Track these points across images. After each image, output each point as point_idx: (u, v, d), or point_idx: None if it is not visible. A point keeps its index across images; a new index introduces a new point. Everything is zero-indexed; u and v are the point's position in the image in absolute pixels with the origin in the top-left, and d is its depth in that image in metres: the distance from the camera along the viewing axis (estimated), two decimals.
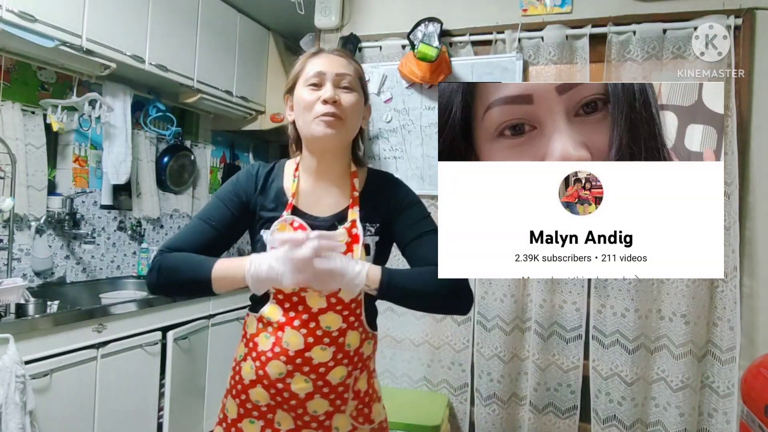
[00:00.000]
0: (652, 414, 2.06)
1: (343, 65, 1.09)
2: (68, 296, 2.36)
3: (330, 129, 1.04)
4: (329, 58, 1.09)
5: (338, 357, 1.05)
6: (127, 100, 2.64)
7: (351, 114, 1.07)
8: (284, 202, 1.09)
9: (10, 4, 1.86)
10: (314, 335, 1.03)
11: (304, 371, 1.03)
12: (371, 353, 1.14)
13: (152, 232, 3.05)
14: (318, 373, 1.03)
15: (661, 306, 2.05)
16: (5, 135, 2.16)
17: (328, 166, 1.11)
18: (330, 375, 1.04)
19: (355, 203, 1.09)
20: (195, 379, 2.52)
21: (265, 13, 3.16)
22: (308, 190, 1.11)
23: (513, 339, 2.20)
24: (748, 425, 1.51)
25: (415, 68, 2.22)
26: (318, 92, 1.05)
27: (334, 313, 1.04)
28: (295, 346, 1.03)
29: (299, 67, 1.11)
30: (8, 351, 1.65)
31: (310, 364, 1.03)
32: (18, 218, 2.25)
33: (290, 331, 1.03)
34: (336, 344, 1.04)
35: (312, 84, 1.06)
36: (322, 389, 1.04)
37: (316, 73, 1.06)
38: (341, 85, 1.07)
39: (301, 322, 1.03)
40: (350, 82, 1.08)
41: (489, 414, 2.23)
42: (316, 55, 1.11)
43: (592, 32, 2.11)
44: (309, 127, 1.05)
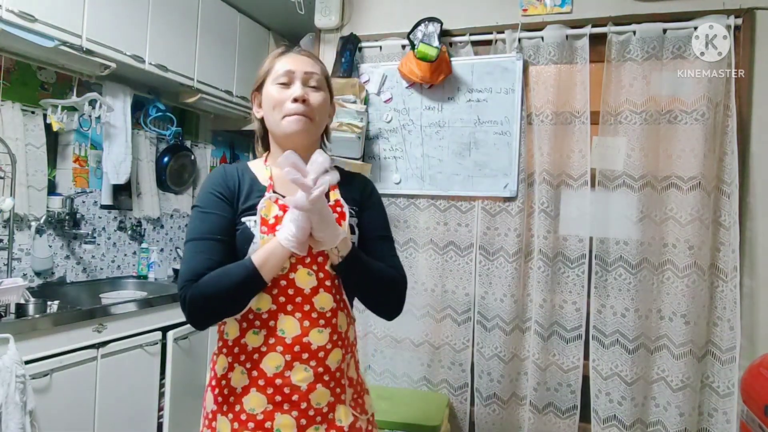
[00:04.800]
0: (652, 414, 2.06)
1: (310, 65, 1.12)
2: (68, 296, 2.36)
3: (300, 126, 1.07)
4: (297, 58, 1.13)
5: (334, 338, 1.05)
6: (127, 100, 2.64)
7: (319, 111, 1.11)
8: (261, 188, 1.09)
9: (10, 4, 1.86)
10: (309, 318, 1.02)
11: (303, 359, 1.02)
12: (354, 339, 1.16)
13: (152, 232, 3.05)
14: (317, 358, 1.02)
15: (661, 306, 2.05)
16: (5, 135, 2.16)
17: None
18: (329, 359, 1.04)
19: (335, 187, 1.10)
20: (195, 379, 2.52)
21: (265, 13, 3.16)
22: (282, 180, 1.09)
23: (513, 339, 2.20)
24: (748, 425, 1.51)
25: (415, 68, 2.22)
26: (287, 91, 1.08)
27: (325, 292, 1.04)
28: (291, 332, 1.01)
29: (268, 65, 1.14)
30: (8, 351, 1.65)
31: (309, 349, 1.02)
32: (18, 218, 2.25)
33: (284, 318, 1.02)
34: (330, 325, 1.04)
35: (281, 83, 1.09)
36: (322, 377, 1.03)
37: (286, 71, 1.09)
38: (309, 84, 1.10)
39: (294, 306, 1.02)
40: (318, 81, 1.12)
41: (489, 414, 2.23)
42: (284, 54, 1.14)
43: (592, 32, 2.11)
44: (279, 125, 1.08)
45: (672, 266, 2.03)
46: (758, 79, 1.96)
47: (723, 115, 1.98)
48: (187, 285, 0.99)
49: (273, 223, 1.04)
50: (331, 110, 1.19)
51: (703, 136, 1.97)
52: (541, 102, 2.18)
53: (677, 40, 2.03)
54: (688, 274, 1.98)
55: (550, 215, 2.14)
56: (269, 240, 1.01)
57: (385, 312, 1.15)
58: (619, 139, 2.10)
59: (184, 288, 0.99)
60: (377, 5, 2.46)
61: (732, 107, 1.95)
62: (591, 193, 2.11)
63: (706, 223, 1.97)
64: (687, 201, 2.00)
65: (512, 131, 2.22)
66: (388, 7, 2.44)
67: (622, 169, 2.09)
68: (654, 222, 2.05)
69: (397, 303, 1.14)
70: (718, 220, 1.99)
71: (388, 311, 1.15)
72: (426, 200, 2.33)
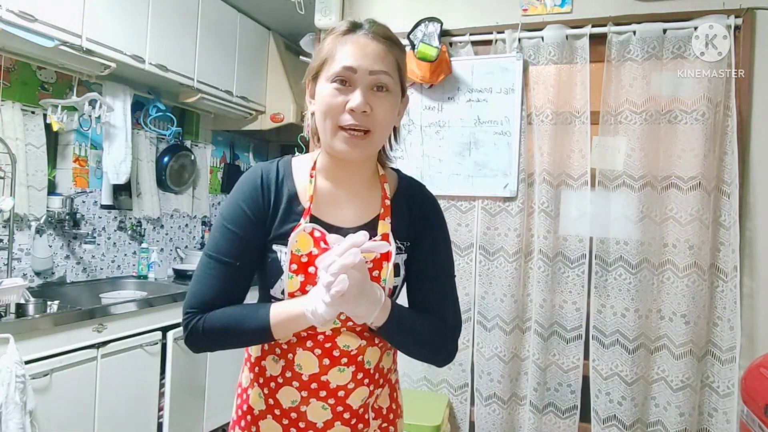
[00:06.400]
0: (652, 414, 2.06)
1: (379, 57, 0.87)
2: (68, 296, 2.36)
3: (353, 147, 0.87)
4: (364, 46, 0.88)
5: (358, 377, 0.92)
6: (127, 100, 2.64)
7: (382, 124, 0.89)
8: (299, 211, 0.91)
9: (10, 4, 1.86)
10: (330, 356, 0.90)
11: (320, 396, 0.91)
12: (391, 365, 1.02)
13: (152, 232, 3.05)
14: (337, 397, 0.91)
15: (661, 306, 2.05)
16: (5, 135, 2.16)
17: (351, 172, 0.95)
18: (351, 398, 0.92)
19: (387, 213, 0.93)
20: (195, 379, 2.52)
21: (265, 13, 3.16)
22: (327, 195, 0.94)
23: (513, 339, 2.20)
24: (748, 425, 1.50)
25: (415, 68, 2.22)
26: (345, 95, 0.86)
27: (349, 332, 0.92)
28: (309, 369, 0.90)
29: (327, 51, 0.90)
30: (8, 351, 1.65)
31: (327, 388, 0.90)
32: (18, 218, 2.25)
33: (302, 353, 0.90)
34: (355, 363, 0.91)
35: (339, 81, 0.86)
36: (342, 415, 0.92)
37: (345, 68, 0.86)
38: (375, 86, 0.87)
39: (314, 343, 0.90)
40: (386, 82, 0.88)
41: (489, 414, 2.23)
42: (349, 35, 0.89)
43: (592, 32, 2.11)
44: (329, 138, 0.88)
45: (672, 266, 2.03)
46: (758, 79, 1.96)
47: (723, 115, 1.98)
48: (193, 314, 0.90)
49: (306, 262, 0.88)
50: (401, 107, 0.95)
51: (703, 136, 1.97)
52: (541, 102, 2.18)
53: (677, 40, 2.03)
54: (688, 274, 1.98)
55: (550, 215, 2.14)
56: (296, 284, 0.88)
57: (432, 364, 1.01)
58: (619, 139, 2.10)
59: (189, 316, 0.91)
60: (377, 5, 2.46)
61: (732, 107, 1.95)
62: (591, 193, 2.11)
63: (706, 223, 1.97)
64: (687, 201, 2.00)
65: (512, 131, 2.22)
66: (387, 6, 2.44)
67: (622, 169, 2.09)
68: (654, 222, 2.05)
69: (445, 358, 0.97)
70: (718, 220, 1.99)
71: (436, 364, 1.00)
72: None
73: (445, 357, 0.97)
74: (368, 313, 0.84)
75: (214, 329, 0.89)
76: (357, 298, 0.80)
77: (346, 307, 0.81)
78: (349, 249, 0.77)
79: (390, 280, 0.91)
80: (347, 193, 0.95)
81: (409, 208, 0.97)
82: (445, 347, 0.96)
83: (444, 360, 0.98)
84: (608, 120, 2.12)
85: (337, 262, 0.76)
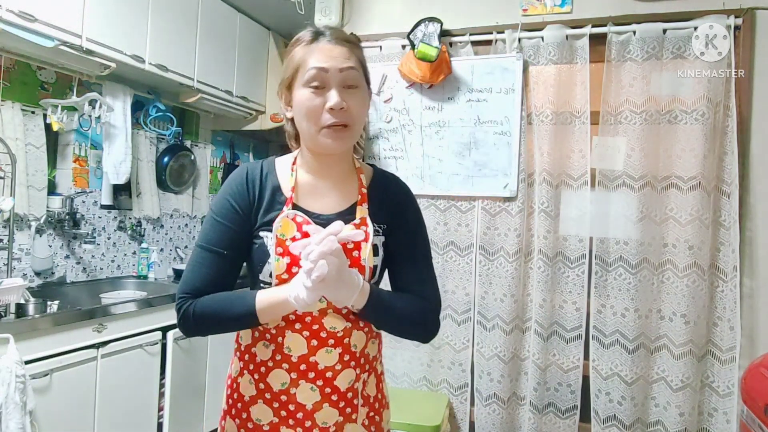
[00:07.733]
0: (652, 414, 2.06)
1: (345, 57, 0.97)
2: (68, 296, 2.36)
3: (336, 140, 0.96)
4: (330, 50, 0.96)
5: (345, 359, 0.98)
6: (127, 100, 2.63)
7: (358, 117, 0.99)
8: (282, 201, 1.00)
9: (10, 4, 1.86)
10: (318, 337, 0.96)
11: (309, 378, 0.96)
12: (377, 354, 1.09)
13: (152, 232, 3.05)
14: (325, 378, 0.97)
15: (661, 306, 2.05)
16: (5, 135, 2.15)
17: (330, 165, 1.04)
18: (338, 379, 0.98)
19: (364, 200, 1.03)
20: (195, 379, 2.52)
21: (265, 13, 3.15)
22: (308, 186, 1.03)
23: (513, 339, 2.20)
24: (748, 425, 1.50)
25: (415, 68, 2.22)
26: (321, 96, 0.95)
27: (335, 313, 0.98)
28: (297, 351, 0.96)
29: (297, 60, 0.98)
30: (8, 351, 1.65)
31: (316, 369, 0.96)
32: (18, 218, 2.25)
33: (291, 335, 0.97)
34: (342, 345, 0.97)
35: (314, 86, 0.95)
36: (330, 397, 0.97)
37: (318, 71, 0.94)
38: (346, 84, 0.96)
39: (302, 325, 0.97)
40: (355, 78, 0.98)
41: (489, 414, 2.23)
42: (314, 43, 0.98)
43: (592, 32, 2.11)
44: (314, 138, 0.97)
45: (672, 266, 2.03)
46: (758, 79, 1.97)
47: (723, 115, 1.98)
48: (184, 299, 0.98)
49: (290, 246, 0.95)
50: (368, 101, 1.05)
51: (703, 136, 1.97)
52: (541, 102, 2.18)
53: (677, 40, 2.03)
54: (688, 274, 1.99)
55: (550, 215, 2.14)
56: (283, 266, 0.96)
57: (417, 340, 1.09)
58: (619, 139, 2.10)
59: (181, 301, 0.99)
60: (377, 5, 2.46)
61: (732, 107, 1.96)
62: (591, 193, 2.11)
63: (706, 223, 1.97)
64: (687, 201, 2.00)
65: (512, 131, 2.22)
66: (388, 6, 2.44)
67: (622, 169, 2.09)
68: (654, 222, 2.05)
69: (427, 333, 1.06)
70: (718, 220, 1.99)
71: (420, 340, 1.08)
72: (426, 200, 2.33)
73: (427, 332, 1.07)
74: (348, 296, 0.92)
75: (205, 313, 0.97)
76: (336, 281, 0.87)
77: (326, 291, 0.88)
78: (326, 237, 0.84)
79: (369, 260, 0.99)
80: (327, 184, 1.04)
81: (384, 196, 1.07)
82: (426, 323, 1.05)
83: (426, 335, 1.07)
84: (608, 120, 2.12)
85: (316, 250, 0.83)
